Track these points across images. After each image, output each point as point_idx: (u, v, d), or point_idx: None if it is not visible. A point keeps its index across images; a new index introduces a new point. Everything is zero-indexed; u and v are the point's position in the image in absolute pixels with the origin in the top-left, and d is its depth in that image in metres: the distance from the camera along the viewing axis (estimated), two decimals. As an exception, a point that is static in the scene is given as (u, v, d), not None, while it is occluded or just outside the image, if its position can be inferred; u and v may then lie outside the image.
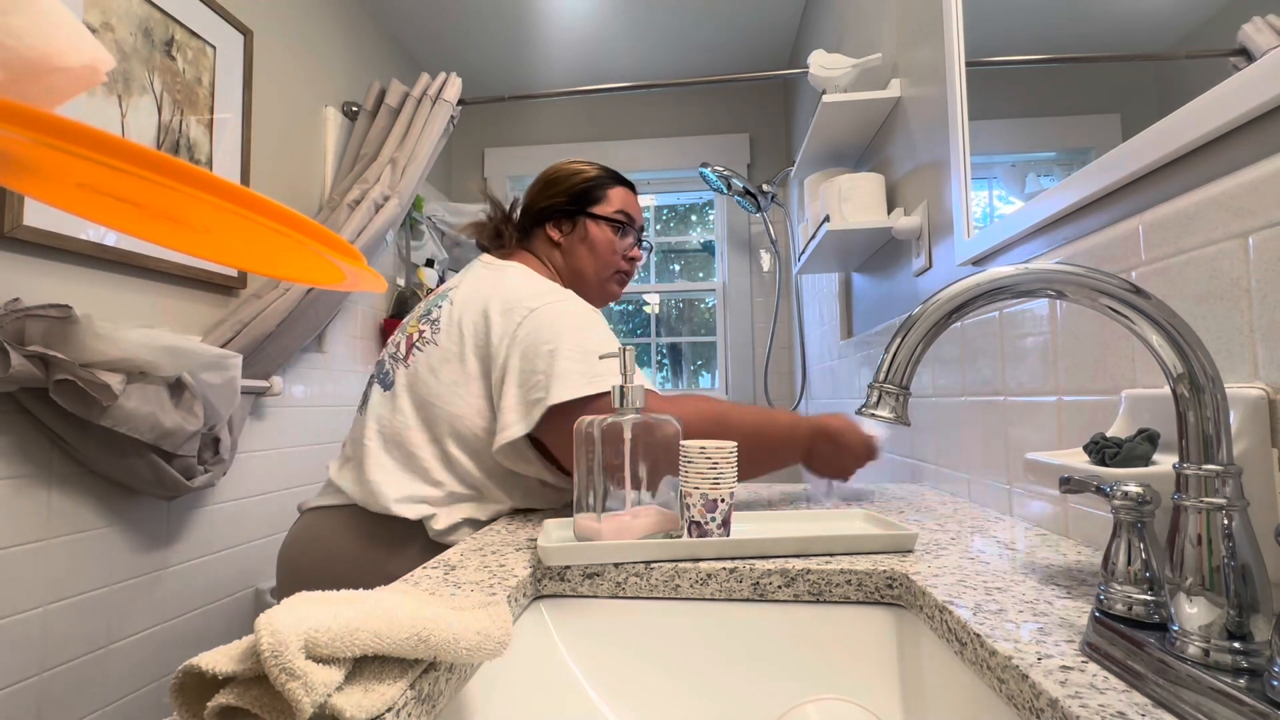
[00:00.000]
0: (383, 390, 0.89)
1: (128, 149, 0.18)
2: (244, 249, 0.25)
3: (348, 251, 0.26)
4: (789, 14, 2.32)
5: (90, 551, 1.24)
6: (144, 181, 0.19)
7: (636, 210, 1.07)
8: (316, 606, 0.32)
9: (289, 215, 0.23)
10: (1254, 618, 0.31)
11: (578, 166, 1.06)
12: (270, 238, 0.23)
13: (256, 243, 0.24)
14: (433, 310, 0.92)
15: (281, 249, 0.25)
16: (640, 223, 1.08)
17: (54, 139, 0.17)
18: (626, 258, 1.05)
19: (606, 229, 1.02)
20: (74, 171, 0.19)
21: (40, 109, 0.17)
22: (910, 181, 1.21)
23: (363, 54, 2.23)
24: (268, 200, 0.22)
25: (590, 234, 1.02)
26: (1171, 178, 0.53)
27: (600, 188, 1.04)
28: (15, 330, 1.05)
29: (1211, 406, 0.34)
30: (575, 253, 1.02)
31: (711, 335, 2.91)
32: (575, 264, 1.02)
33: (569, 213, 1.02)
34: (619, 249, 1.03)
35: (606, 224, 1.02)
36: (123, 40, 1.30)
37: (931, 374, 1.04)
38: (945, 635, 0.45)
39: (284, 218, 0.22)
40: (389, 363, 0.92)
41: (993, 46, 0.85)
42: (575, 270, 1.02)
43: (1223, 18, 0.49)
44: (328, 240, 0.25)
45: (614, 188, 1.05)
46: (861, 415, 0.42)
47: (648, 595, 0.57)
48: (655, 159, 2.78)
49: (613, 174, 1.07)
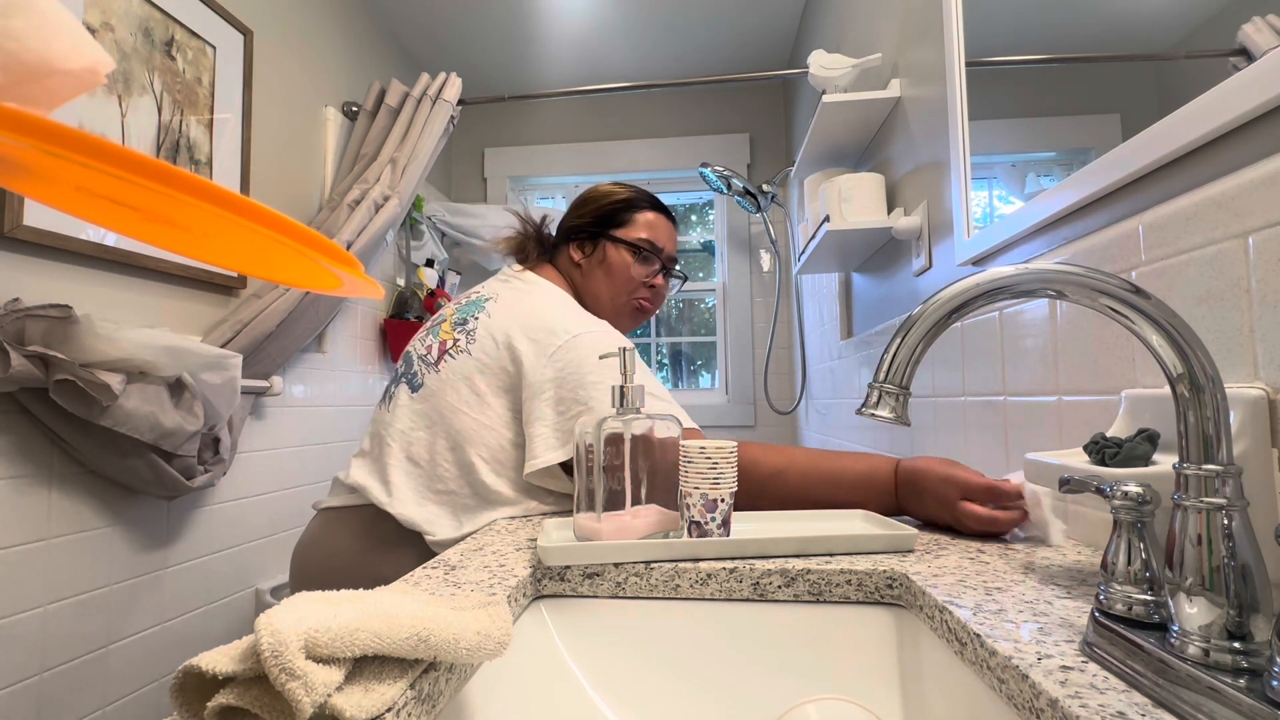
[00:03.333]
0: (410, 392, 0.88)
1: (122, 155, 0.18)
2: (242, 253, 0.25)
3: (345, 259, 0.26)
4: (789, 14, 2.32)
5: (90, 551, 1.24)
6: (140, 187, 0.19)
7: (666, 238, 1.03)
8: (316, 606, 0.32)
9: (285, 223, 0.23)
10: (1254, 618, 0.31)
11: (613, 189, 1.03)
12: (268, 243, 0.23)
13: (254, 247, 0.24)
14: (468, 320, 0.90)
15: (279, 254, 0.25)
16: (670, 251, 1.03)
17: (50, 145, 0.17)
18: (648, 286, 1.01)
19: (625, 254, 0.98)
20: (71, 175, 0.19)
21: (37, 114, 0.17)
22: (910, 181, 1.21)
23: (363, 54, 2.23)
24: (264, 208, 0.22)
25: (608, 257, 0.98)
26: (1171, 178, 0.53)
27: (628, 210, 1.01)
28: (15, 330, 1.05)
29: (1211, 406, 0.34)
30: (592, 275, 0.99)
31: (711, 335, 2.91)
32: (592, 287, 0.99)
33: (592, 234, 1.00)
34: (637, 276, 0.99)
35: (626, 249, 0.98)
36: (122, 40, 1.30)
37: (931, 374, 1.04)
38: (945, 635, 0.45)
39: (280, 225, 0.22)
40: (418, 365, 0.90)
41: (993, 46, 0.85)
42: (591, 294, 0.99)
43: (1222, 18, 0.49)
44: (324, 248, 0.25)
45: (643, 212, 1.01)
46: (861, 415, 0.42)
47: (648, 595, 0.57)
48: (655, 159, 2.78)
49: (648, 199, 1.03)
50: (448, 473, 0.82)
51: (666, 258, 1.03)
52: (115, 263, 1.29)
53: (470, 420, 0.83)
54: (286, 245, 0.23)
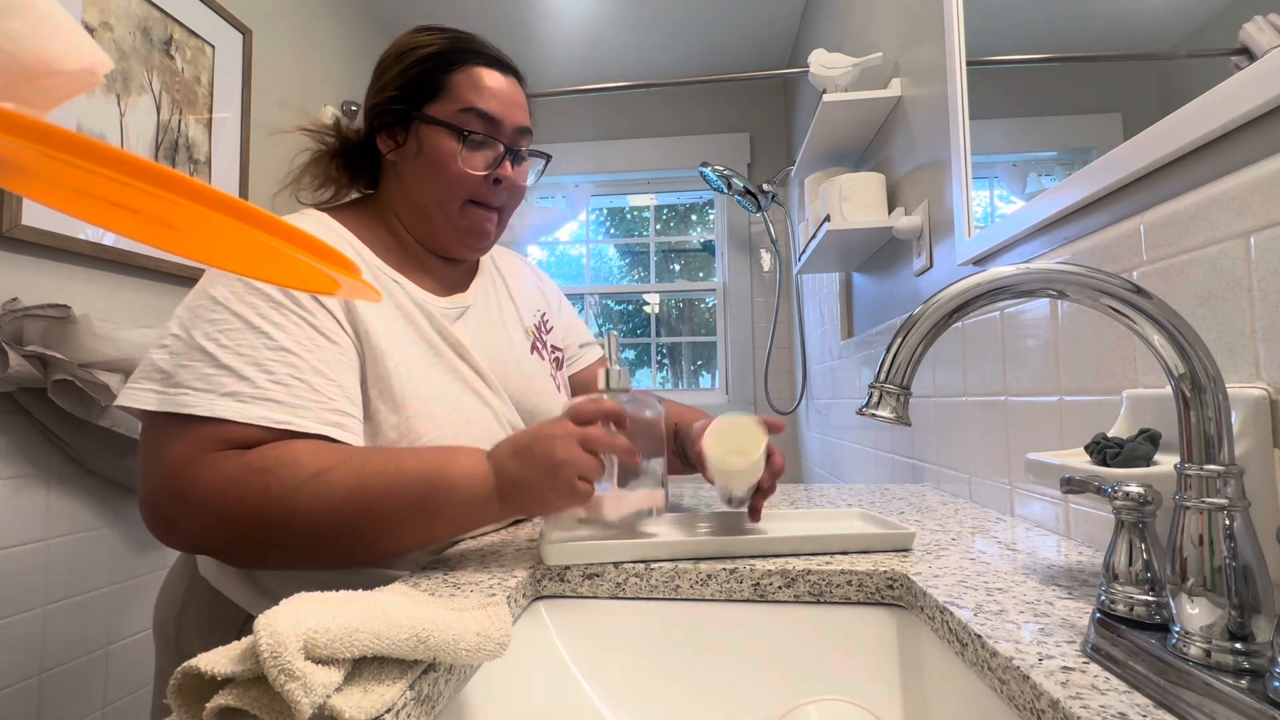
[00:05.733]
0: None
1: (117, 158, 0.18)
2: (240, 255, 0.25)
3: (343, 263, 0.26)
4: (789, 13, 2.32)
5: (90, 551, 1.24)
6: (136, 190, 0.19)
7: (507, 103, 0.70)
8: (316, 607, 0.32)
9: (284, 227, 0.22)
10: (1255, 618, 0.31)
11: (419, 37, 0.71)
12: (265, 245, 0.23)
13: (253, 249, 0.24)
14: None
15: (278, 256, 0.25)
16: (515, 121, 0.71)
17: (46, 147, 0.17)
18: (492, 180, 0.70)
19: (447, 138, 0.68)
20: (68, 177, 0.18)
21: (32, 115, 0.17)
22: (911, 181, 1.21)
23: (362, 53, 2.23)
24: (262, 212, 0.22)
25: (425, 146, 0.69)
26: (1173, 177, 0.53)
27: (441, 69, 0.69)
28: (14, 330, 1.05)
29: (1213, 406, 0.34)
30: (411, 177, 0.70)
31: (711, 335, 2.91)
32: (414, 194, 0.71)
33: (400, 115, 0.70)
34: (469, 167, 0.69)
35: (446, 131, 0.68)
36: (121, 39, 1.30)
37: (932, 374, 1.04)
38: (946, 636, 0.45)
39: (278, 230, 0.22)
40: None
41: (994, 45, 0.85)
42: (416, 205, 0.71)
43: (1224, 17, 0.49)
44: (322, 253, 0.25)
45: (464, 69, 0.69)
46: (862, 415, 0.42)
47: (648, 595, 0.57)
48: (655, 158, 2.78)
49: (468, 47, 0.71)
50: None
51: (509, 132, 0.71)
52: (114, 262, 1.29)
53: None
54: (284, 249, 0.23)
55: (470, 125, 0.69)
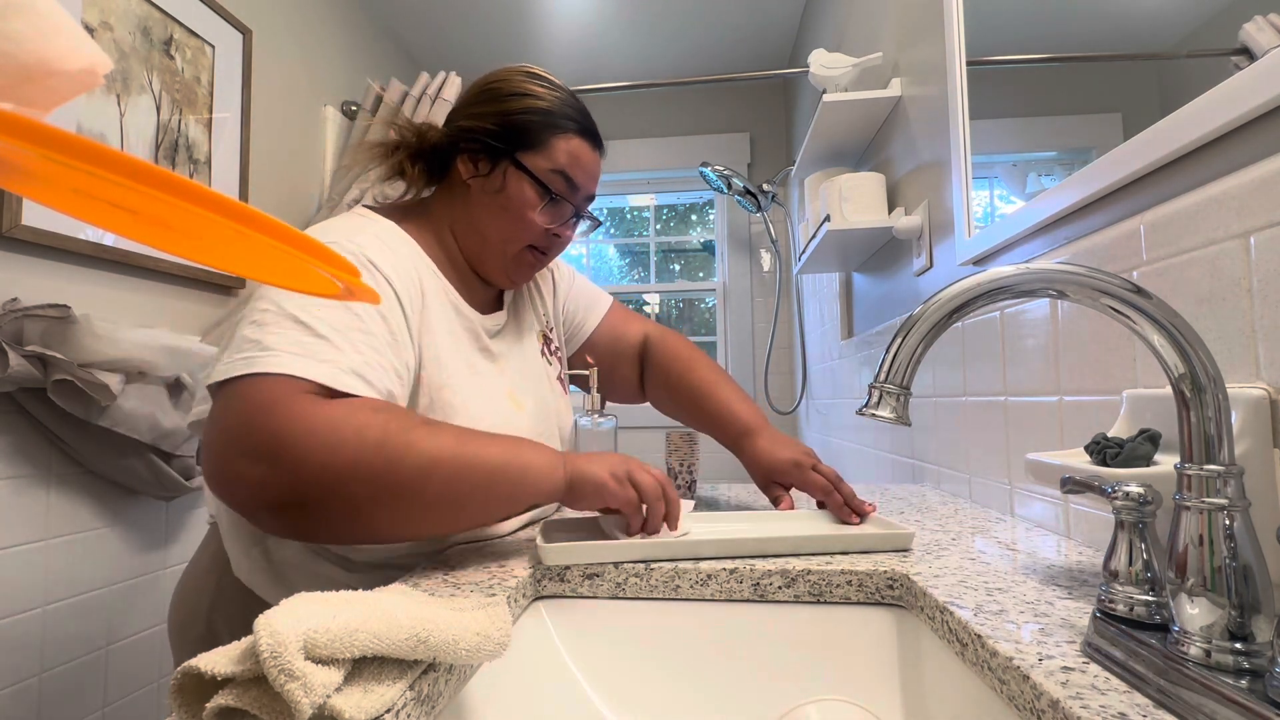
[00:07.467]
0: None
1: (116, 160, 0.18)
2: (240, 256, 0.25)
3: (343, 266, 0.26)
4: (789, 13, 2.32)
5: (90, 551, 1.24)
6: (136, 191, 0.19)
7: (589, 175, 0.76)
8: (315, 607, 0.32)
9: (283, 230, 0.22)
10: (1255, 618, 0.31)
11: (531, 86, 0.74)
12: (266, 247, 0.23)
13: (252, 251, 0.24)
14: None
15: (278, 258, 0.25)
16: (588, 191, 0.78)
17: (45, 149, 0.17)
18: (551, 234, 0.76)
19: (530, 191, 0.72)
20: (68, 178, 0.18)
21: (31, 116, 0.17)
22: (911, 181, 1.21)
23: (362, 53, 2.23)
24: (262, 214, 0.22)
25: (508, 188, 0.72)
26: (1173, 177, 0.53)
27: (547, 128, 0.73)
28: (14, 330, 1.05)
29: (1213, 407, 0.34)
30: (482, 204, 0.74)
31: (711, 335, 2.90)
32: (478, 219, 0.74)
33: (493, 151, 0.73)
34: (540, 222, 0.73)
35: (533, 185, 0.72)
36: (121, 39, 1.30)
37: (932, 374, 1.04)
38: (946, 636, 0.45)
39: (278, 232, 0.22)
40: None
41: (993, 45, 0.85)
42: (475, 228, 0.74)
43: (1224, 17, 0.49)
44: (323, 255, 0.25)
45: (567, 136, 0.73)
46: (862, 415, 0.42)
47: (648, 595, 0.57)
48: (655, 158, 2.78)
49: (576, 115, 0.75)
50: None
51: (583, 199, 0.77)
52: (114, 262, 1.29)
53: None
54: (285, 251, 0.23)
55: (557, 186, 0.73)
